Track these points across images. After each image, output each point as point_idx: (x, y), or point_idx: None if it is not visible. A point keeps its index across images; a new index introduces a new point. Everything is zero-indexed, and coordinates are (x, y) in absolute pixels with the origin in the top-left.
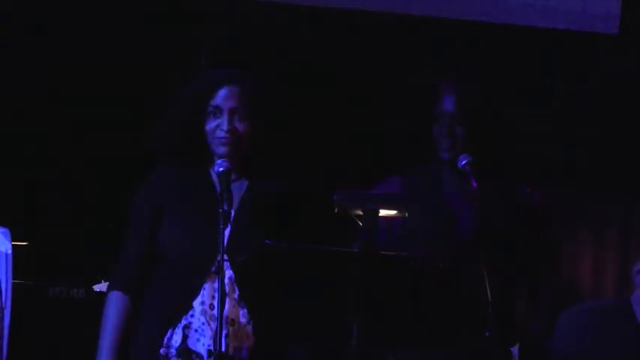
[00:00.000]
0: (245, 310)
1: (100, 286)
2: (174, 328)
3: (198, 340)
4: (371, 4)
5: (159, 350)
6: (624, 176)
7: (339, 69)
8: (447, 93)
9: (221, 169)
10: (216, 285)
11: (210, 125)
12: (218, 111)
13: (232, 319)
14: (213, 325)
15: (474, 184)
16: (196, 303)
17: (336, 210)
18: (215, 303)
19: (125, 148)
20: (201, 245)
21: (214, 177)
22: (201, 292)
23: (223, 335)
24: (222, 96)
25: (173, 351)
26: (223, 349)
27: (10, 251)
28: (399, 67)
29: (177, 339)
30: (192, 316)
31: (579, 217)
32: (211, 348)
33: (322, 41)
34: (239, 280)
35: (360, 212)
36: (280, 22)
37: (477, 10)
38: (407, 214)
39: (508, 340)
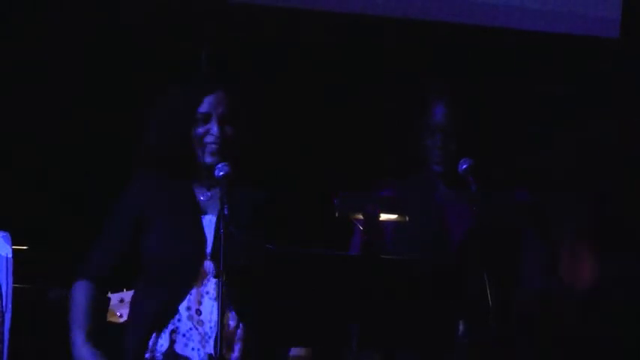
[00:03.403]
0: (234, 314)
1: (116, 296)
2: (159, 333)
3: (186, 344)
4: (372, 8)
5: (144, 355)
6: (626, 177)
7: (338, 71)
8: (438, 105)
9: (222, 173)
10: (202, 290)
11: (199, 131)
12: (207, 118)
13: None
14: (202, 329)
15: (474, 189)
16: (182, 308)
17: (336, 214)
18: (202, 308)
19: (126, 151)
20: (187, 250)
21: (194, 185)
22: (187, 297)
23: (216, 339)
24: (210, 102)
25: (159, 355)
26: (218, 353)
27: (10, 255)
28: (397, 72)
29: (163, 343)
30: (179, 320)
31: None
32: (208, 352)
33: (322, 44)
34: (231, 284)
35: (361, 216)
36: (279, 25)
37: (476, 14)
38: (407, 219)
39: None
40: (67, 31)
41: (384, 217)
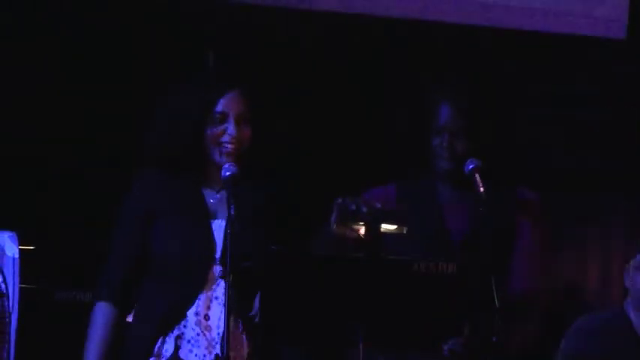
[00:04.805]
0: (240, 321)
1: None
2: (165, 337)
3: (190, 351)
4: (372, 8)
5: (149, 358)
6: (630, 178)
7: (339, 71)
8: (445, 106)
9: (228, 173)
10: (211, 295)
11: (215, 131)
12: (223, 117)
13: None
14: (209, 335)
15: (481, 189)
16: (190, 313)
17: (334, 227)
18: (210, 313)
19: (132, 152)
20: (195, 255)
21: (203, 188)
22: (196, 302)
23: (222, 340)
24: (227, 102)
25: None
26: (226, 352)
27: (17, 255)
28: (401, 72)
29: (168, 348)
30: (184, 326)
31: (587, 220)
32: (217, 353)
33: (325, 45)
34: (236, 287)
35: (362, 224)
36: (283, 26)
37: (480, 14)
38: (405, 231)
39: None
40: (68, 32)
41: (383, 228)
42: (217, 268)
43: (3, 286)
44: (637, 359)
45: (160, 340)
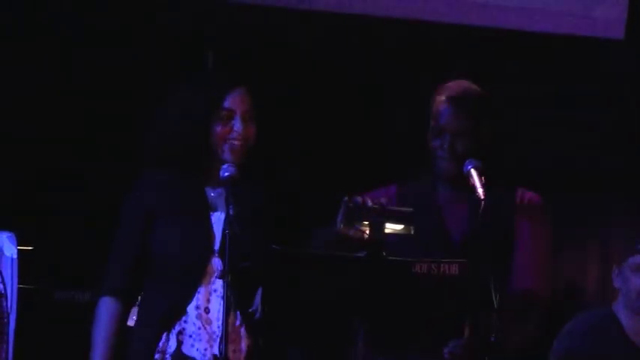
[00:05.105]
0: (238, 313)
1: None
2: (168, 334)
3: (192, 345)
4: (372, 9)
5: (154, 355)
6: (630, 178)
7: (342, 73)
8: (445, 106)
9: (227, 173)
10: (210, 288)
11: (222, 129)
12: (230, 114)
13: (228, 324)
14: (210, 328)
15: (479, 190)
16: (191, 308)
17: (339, 225)
18: (210, 306)
19: (132, 152)
20: (194, 250)
21: (205, 182)
22: (196, 296)
23: (221, 340)
24: (234, 98)
25: (168, 357)
26: (224, 353)
27: (15, 256)
28: (401, 72)
29: (171, 344)
30: (185, 321)
31: (586, 221)
32: (215, 353)
33: (325, 45)
34: (234, 284)
35: (366, 223)
36: (283, 26)
37: (480, 14)
38: (412, 231)
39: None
40: (68, 32)
41: (390, 228)
42: (216, 261)
43: (1, 286)
44: None
45: (163, 337)
